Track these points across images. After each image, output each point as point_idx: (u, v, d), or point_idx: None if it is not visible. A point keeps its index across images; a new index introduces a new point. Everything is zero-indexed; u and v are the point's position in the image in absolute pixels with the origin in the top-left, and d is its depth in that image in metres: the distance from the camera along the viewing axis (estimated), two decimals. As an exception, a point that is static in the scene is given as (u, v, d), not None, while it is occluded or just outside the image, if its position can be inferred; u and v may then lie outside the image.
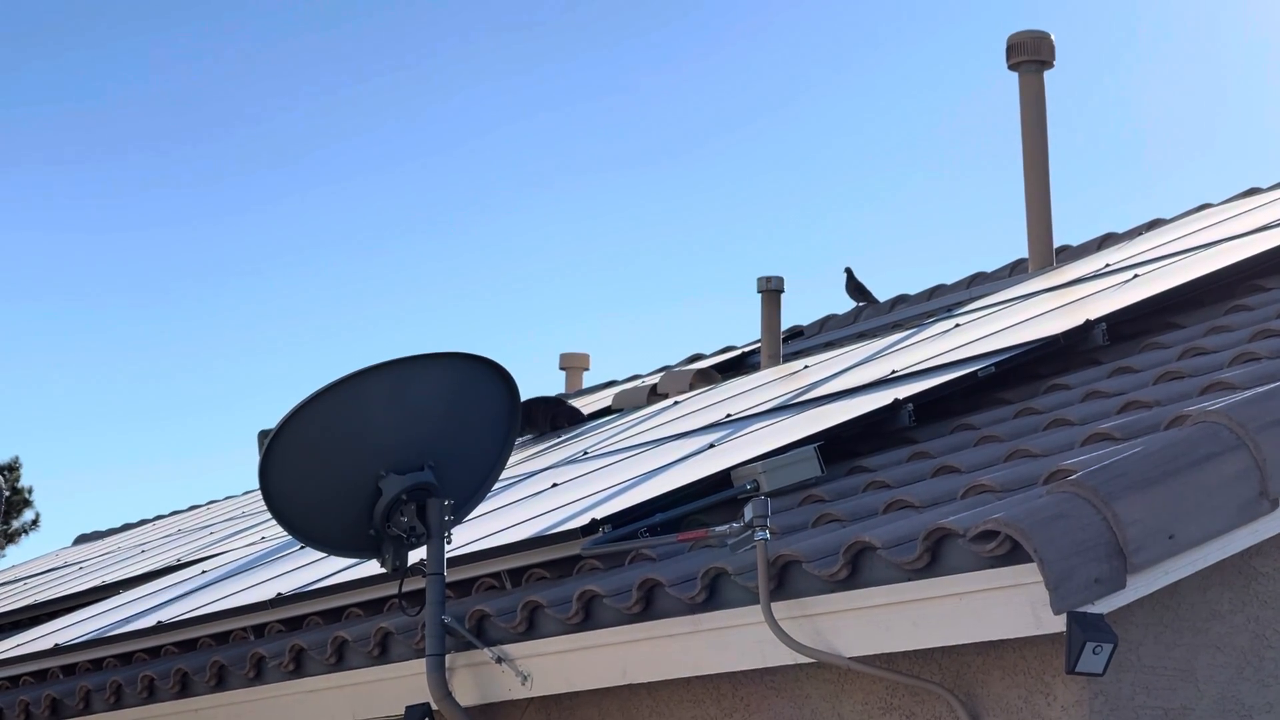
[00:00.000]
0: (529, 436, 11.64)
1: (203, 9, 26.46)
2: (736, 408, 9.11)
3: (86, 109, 27.49)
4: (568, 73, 25.86)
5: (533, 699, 6.52)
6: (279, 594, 8.07)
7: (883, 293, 12.47)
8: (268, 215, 27.11)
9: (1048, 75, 11.28)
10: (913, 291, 12.27)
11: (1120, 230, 11.31)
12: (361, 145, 26.71)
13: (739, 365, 12.18)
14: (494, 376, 6.92)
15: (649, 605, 5.96)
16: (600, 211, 26.54)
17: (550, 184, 26.60)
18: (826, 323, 12.70)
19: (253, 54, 26.55)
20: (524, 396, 7.17)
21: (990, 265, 11.86)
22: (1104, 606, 4.89)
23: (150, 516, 17.48)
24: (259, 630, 8.12)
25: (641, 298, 27.30)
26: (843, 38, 25.07)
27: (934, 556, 5.15)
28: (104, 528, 18.06)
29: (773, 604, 5.50)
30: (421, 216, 26.86)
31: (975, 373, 7.52)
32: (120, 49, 27.09)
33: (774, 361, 11.15)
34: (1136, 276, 8.73)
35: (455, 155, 26.40)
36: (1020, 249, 11.43)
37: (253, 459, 6.83)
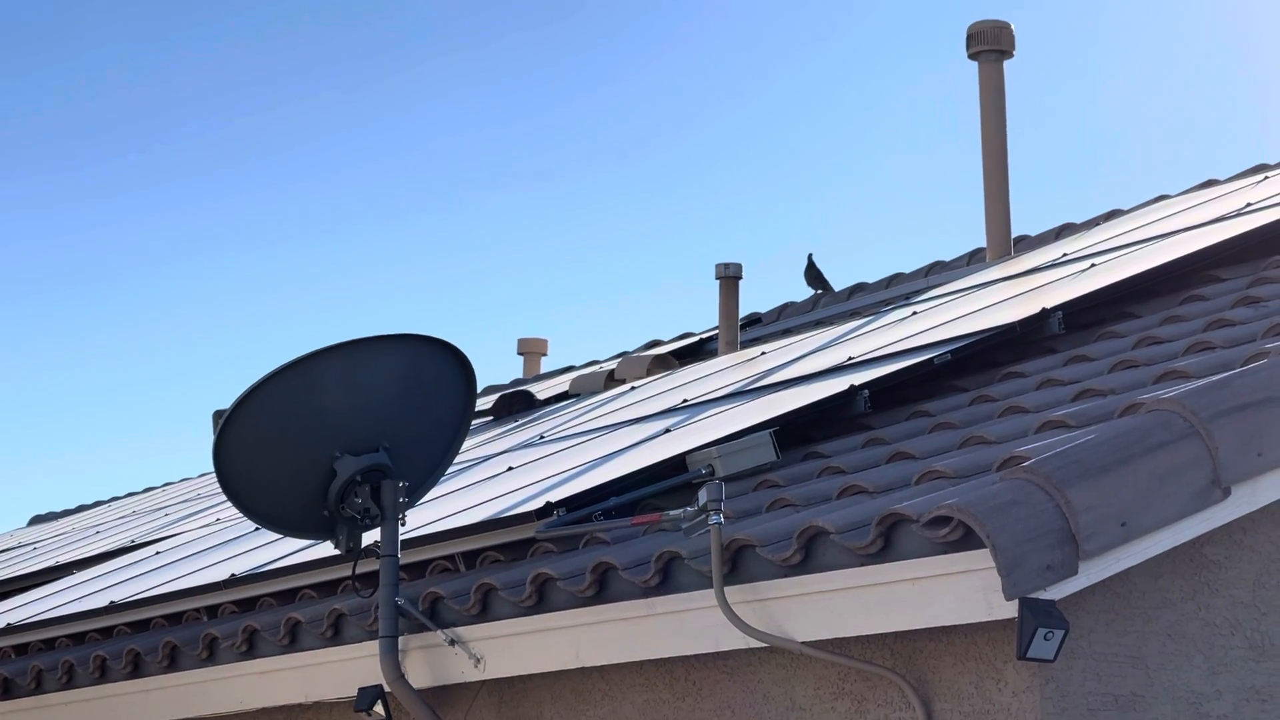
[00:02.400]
0: (486, 420, 11.63)
1: (176, 19, 26.43)
2: (693, 393, 9.11)
3: (46, 104, 27.46)
4: (528, 81, 25.85)
5: (485, 681, 6.51)
6: (232, 575, 8.05)
7: (841, 281, 12.48)
8: (224, 205, 27.00)
9: (1007, 65, 11.29)
10: (871, 280, 12.28)
11: (1078, 220, 11.33)
12: (319, 145, 26.64)
13: (697, 351, 12.18)
14: (450, 359, 6.91)
15: (602, 588, 5.96)
16: (558, 197, 26.49)
17: (508, 172, 26.55)
18: (785, 310, 12.71)
19: (223, 55, 26.49)
20: (482, 381, 7.16)
21: (949, 254, 11.87)
22: (1056, 593, 4.91)
23: (105, 498, 17.42)
24: (212, 611, 8.10)
25: (600, 283, 27.25)
26: (801, 25, 25.08)
27: (887, 542, 5.16)
28: (59, 509, 18.00)
29: (726, 588, 5.50)
30: (380, 206, 26.78)
31: (931, 360, 7.53)
32: (92, 44, 27.05)
33: (731, 348, 11.15)
34: (1093, 266, 8.75)
35: (415, 155, 26.32)
36: (978, 238, 11.44)
37: (208, 440, 6.82)
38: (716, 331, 11.63)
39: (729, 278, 11.37)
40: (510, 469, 8.39)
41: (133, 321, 28.18)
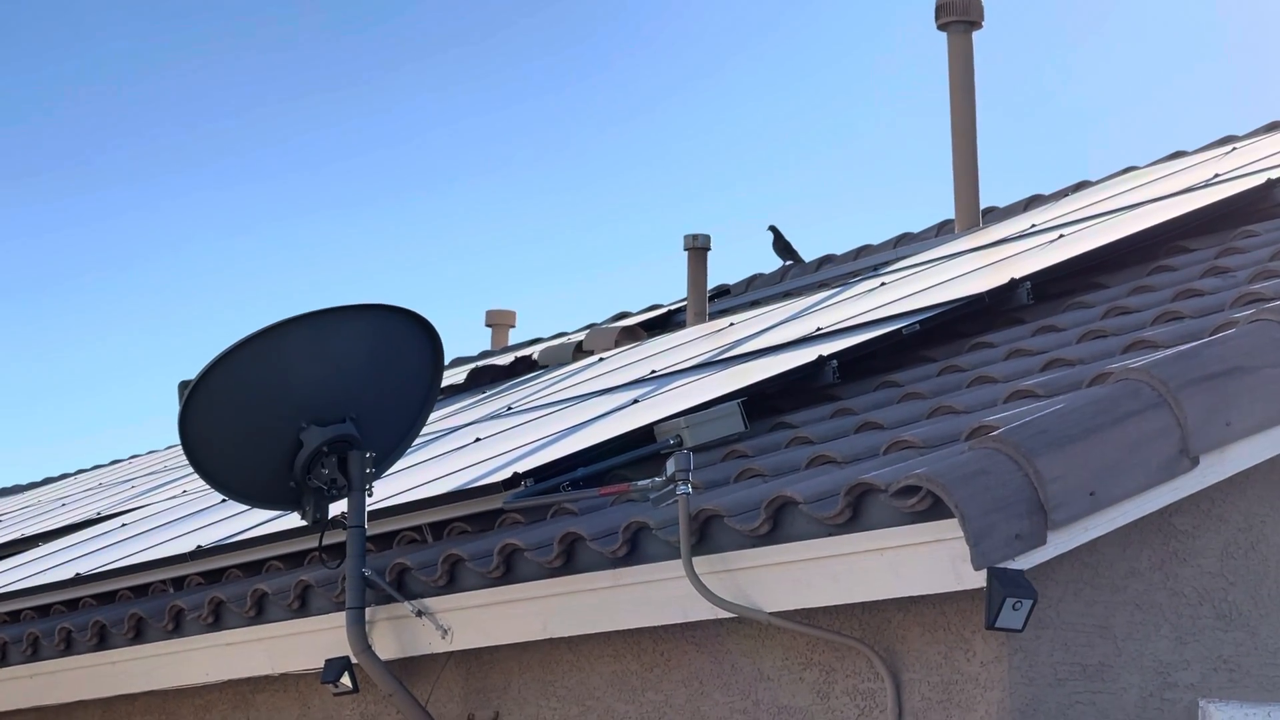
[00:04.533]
0: (454, 391, 11.60)
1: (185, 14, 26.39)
2: (661, 364, 9.09)
3: (16, 95, 27.36)
4: (497, 62, 25.80)
5: (453, 653, 6.49)
6: (198, 546, 8.02)
7: (809, 252, 12.47)
8: (194, 189, 26.94)
9: (976, 36, 11.27)
10: (839, 251, 12.26)
11: (1047, 192, 11.32)
12: (288, 132, 26.61)
13: (665, 323, 12.15)
14: (417, 329, 6.88)
15: (570, 559, 5.94)
16: (526, 170, 26.43)
17: (477, 146, 26.47)
18: (753, 281, 12.69)
19: (199, 52, 26.47)
20: (450, 353, 7.13)
21: (917, 226, 11.86)
22: (1024, 563, 4.90)
23: (71, 471, 17.36)
24: (178, 583, 8.07)
25: (568, 255, 27.20)
26: (771, -3, 25.05)
27: (855, 512, 5.14)
28: (24, 481, 17.92)
29: (694, 558, 5.48)
30: (348, 183, 26.70)
31: (900, 330, 7.51)
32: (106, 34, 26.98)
33: (700, 319, 11.13)
34: (1062, 237, 8.75)
35: (384, 138, 26.32)
36: (947, 210, 11.44)
37: (174, 412, 6.78)
38: (685, 303, 11.60)
39: (697, 249, 11.34)
40: (478, 440, 8.36)
41: (99, 292, 28.10)
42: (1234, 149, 10.14)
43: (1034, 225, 9.74)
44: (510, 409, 9.42)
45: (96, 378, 28.70)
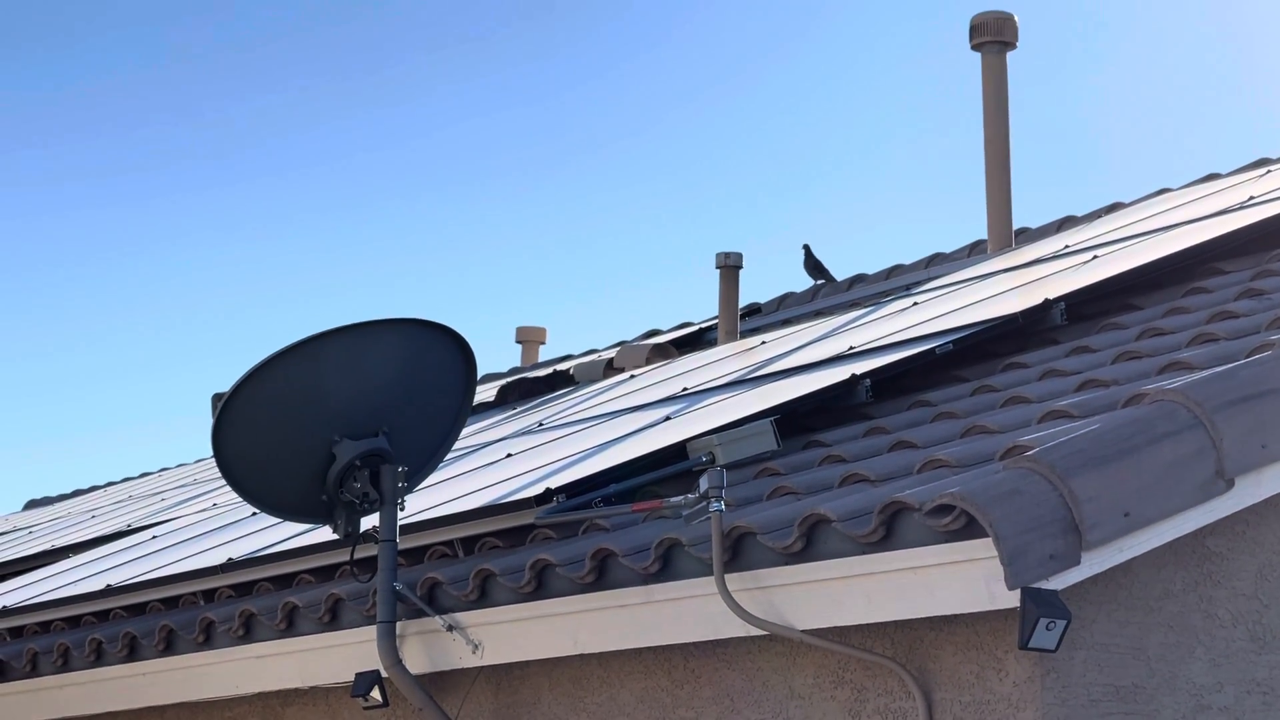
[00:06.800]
0: (485, 407, 11.61)
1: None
2: (693, 382, 9.09)
3: (49, 80, 27.36)
4: (526, 69, 25.83)
5: (483, 668, 6.49)
6: (230, 559, 8.03)
7: (841, 272, 12.46)
8: (225, 190, 26.96)
9: (1010, 56, 11.27)
10: (871, 271, 12.25)
11: (1079, 213, 11.31)
12: (319, 134, 26.61)
13: (696, 341, 12.15)
14: (450, 344, 6.89)
15: (602, 575, 5.94)
16: (557, 186, 26.46)
17: (508, 160, 26.51)
18: (785, 300, 12.68)
19: (227, 43, 26.51)
20: (480, 370, 7.13)
21: (949, 246, 11.85)
22: (1058, 583, 4.89)
23: (101, 483, 17.39)
24: (209, 595, 8.08)
25: (599, 272, 27.22)
26: (802, 13, 25.04)
27: (889, 530, 5.14)
28: (54, 493, 17.96)
29: (726, 576, 5.48)
30: (379, 193, 26.74)
31: (933, 350, 7.50)
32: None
33: (731, 338, 11.13)
34: (1096, 258, 8.73)
35: (414, 144, 26.32)
36: (979, 230, 11.43)
37: (206, 425, 6.80)
38: (715, 321, 11.60)
39: (729, 267, 11.35)
40: (509, 455, 8.36)
41: (130, 305, 28.15)
42: (1269, 171, 10.12)
43: (1067, 246, 9.72)
44: (542, 425, 9.42)
45: (126, 390, 28.76)
